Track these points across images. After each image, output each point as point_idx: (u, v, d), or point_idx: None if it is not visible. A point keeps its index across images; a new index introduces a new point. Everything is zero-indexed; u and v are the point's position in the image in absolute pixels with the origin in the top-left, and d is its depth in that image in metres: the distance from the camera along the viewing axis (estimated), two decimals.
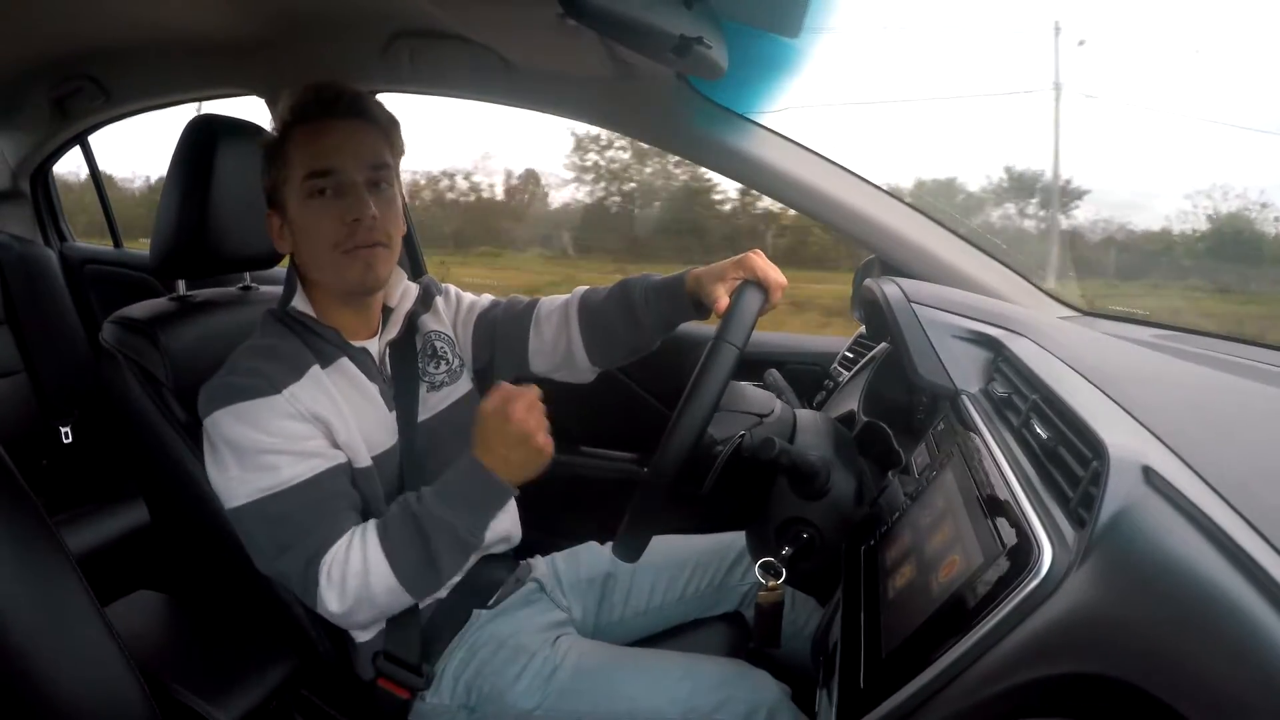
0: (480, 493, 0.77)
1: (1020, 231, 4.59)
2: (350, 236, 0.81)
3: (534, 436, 0.75)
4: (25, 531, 0.67)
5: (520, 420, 0.75)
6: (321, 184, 0.80)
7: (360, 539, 0.77)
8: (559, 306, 0.99)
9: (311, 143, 0.81)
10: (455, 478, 0.78)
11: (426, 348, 0.97)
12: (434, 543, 0.76)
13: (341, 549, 0.76)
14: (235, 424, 0.76)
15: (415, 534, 0.76)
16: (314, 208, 0.81)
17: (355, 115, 0.82)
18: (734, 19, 0.95)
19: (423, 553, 0.76)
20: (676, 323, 0.93)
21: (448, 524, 0.76)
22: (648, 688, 0.82)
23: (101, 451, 1.67)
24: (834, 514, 0.74)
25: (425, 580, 0.78)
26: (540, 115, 1.32)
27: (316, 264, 0.84)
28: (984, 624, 0.45)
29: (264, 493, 0.76)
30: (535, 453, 0.76)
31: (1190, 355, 0.86)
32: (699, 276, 0.87)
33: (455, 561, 0.79)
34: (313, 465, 0.78)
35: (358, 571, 0.75)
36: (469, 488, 0.77)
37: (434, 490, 0.78)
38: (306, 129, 0.81)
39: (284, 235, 0.86)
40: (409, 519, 0.77)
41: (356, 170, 0.81)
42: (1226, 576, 0.36)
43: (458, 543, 0.77)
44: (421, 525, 0.76)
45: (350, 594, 0.76)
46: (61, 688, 0.66)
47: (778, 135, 1.20)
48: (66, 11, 1.36)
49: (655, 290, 0.91)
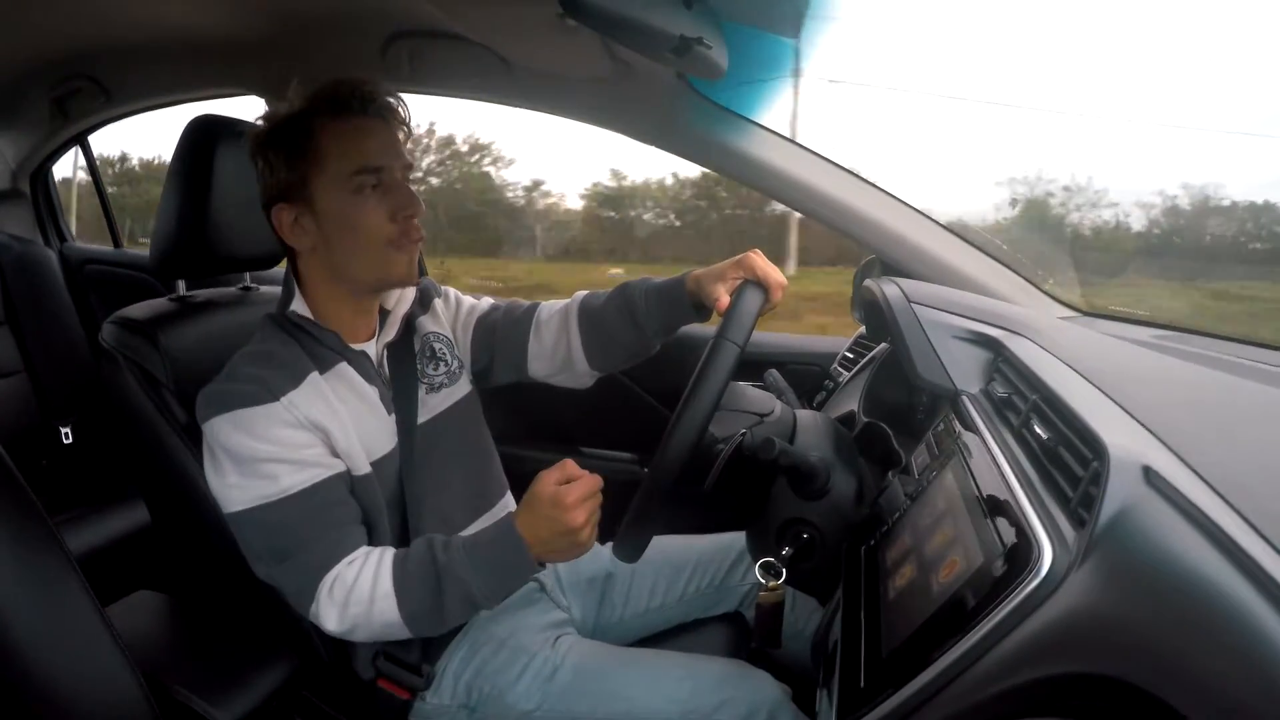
0: (510, 564, 0.75)
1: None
2: (405, 233, 0.81)
3: (581, 531, 0.72)
4: (25, 531, 0.67)
5: (573, 514, 0.72)
6: (370, 180, 0.80)
7: (374, 567, 0.76)
8: (559, 311, 0.98)
9: (356, 139, 0.80)
10: (488, 541, 0.76)
11: (425, 349, 0.96)
12: (447, 597, 0.75)
13: (350, 570, 0.75)
14: (233, 431, 0.76)
15: (433, 582, 0.75)
16: (362, 203, 0.80)
17: (391, 114, 0.83)
18: (734, 19, 0.95)
19: (434, 601, 0.75)
20: (677, 326, 0.92)
21: (466, 584, 0.74)
22: (648, 688, 0.82)
23: (101, 451, 1.67)
24: (834, 514, 0.74)
25: (428, 624, 0.77)
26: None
27: (360, 258, 0.82)
28: (984, 624, 0.45)
29: (262, 500, 0.75)
30: (577, 546, 0.74)
31: (1190, 355, 0.86)
32: (699, 278, 0.86)
33: (463, 615, 0.78)
34: (311, 475, 0.77)
35: (363, 598, 0.75)
36: (500, 556, 0.75)
37: (463, 546, 0.76)
38: (346, 124, 0.80)
39: (303, 229, 0.82)
40: (430, 566, 0.75)
41: (399, 168, 0.82)
42: (1226, 576, 0.36)
43: (470, 602, 0.76)
44: (441, 578, 0.75)
45: (350, 616, 0.75)
46: (61, 688, 0.66)
47: (778, 135, 1.20)
48: (66, 11, 1.36)
49: (655, 293, 0.91)
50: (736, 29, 0.96)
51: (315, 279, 0.85)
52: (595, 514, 0.74)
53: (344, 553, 0.77)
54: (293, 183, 0.81)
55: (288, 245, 0.84)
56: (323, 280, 0.85)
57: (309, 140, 0.80)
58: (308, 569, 0.76)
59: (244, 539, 0.78)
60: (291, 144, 0.80)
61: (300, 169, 0.80)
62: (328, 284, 0.85)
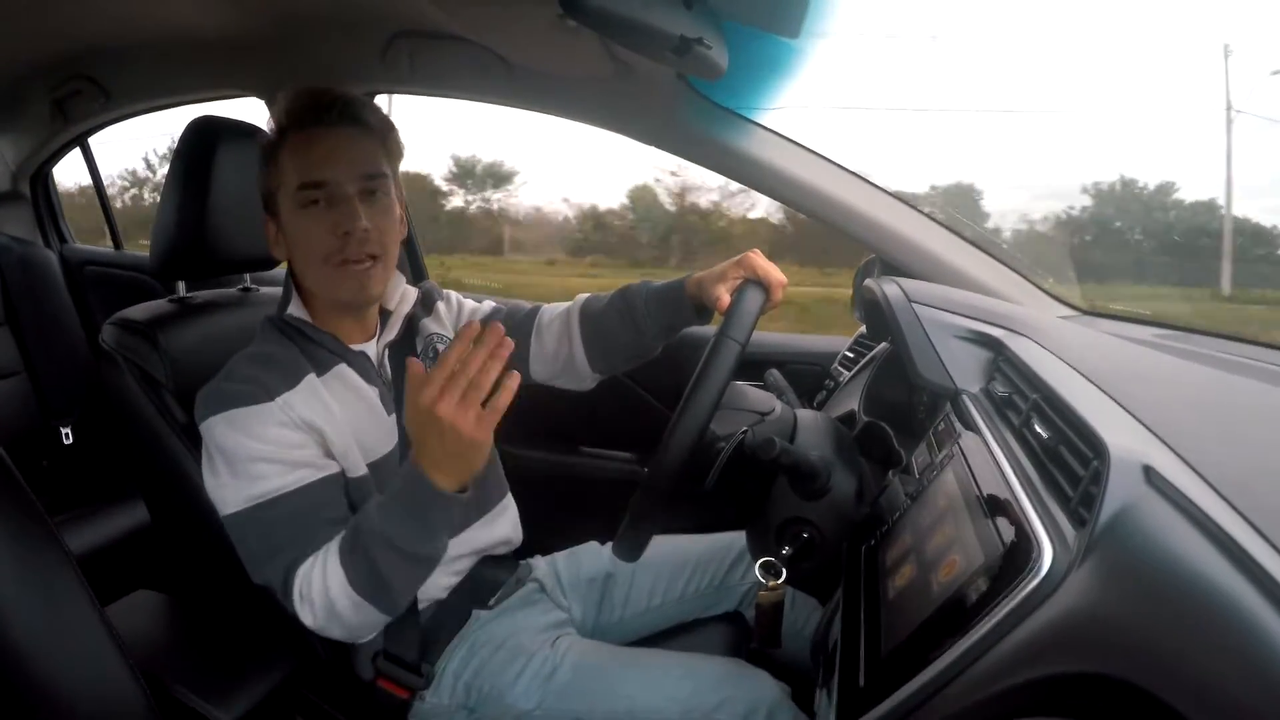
0: (418, 500, 0.68)
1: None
2: (341, 250, 0.78)
3: (457, 422, 0.63)
4: (25, 531, 0.67)
5: (440, 407, 0.62)
6: (314, 195, 0.78)
7: (324, 554, 0.74)
8: (560, 314, 0.99)
9: (304, 151, 0.79)
10: (394, 486, 0.71)
11: (428, 349, 0.96)
12: (377, 559, 0.70)
13: (309, 564, 0.74)
14: (228, 430, 0.76)
15: (361, 550, 0.71)
16: (305, 218, 0.79)
17: (349, 122, 0.80)
18: (734, 19, 0.95)
19: (370, 569, 0.70)
20: (678, 328, 0.93)
21: (385, 538, 0.69)
22: (647, 687, 0.82)
23: (101, 452, 1.67)
24: (834, 514, 0.73)
25: (383, 596, 0.72)
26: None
27: (308, 275, 0.83)
28: (984, 624, 0.45)
29: (254, 501, 0.75)
30: (468, 443, 0.64)
31: (1191, 355, 0.86)
32: (700, 280, 0.87)
33: (407, 576, 0.73)
34: (301, 476, 0.76)
35: (320, 589, 0.72)
36: (406, 496, 0.69)
37: (376, 501, 0.72)
38: (300, 136, 0.79)
39: (279, 242, 0.84)
40: (353, 532, 0.72)
41: (349, 181, 0.79)
42: (1227, 576, 0.36)
43: (402, 557, 0.70)
44: (360, 539, 0.71)
45: (320, 609, 0.73)
46: (61, 688, 0.66)
47: (778, 135, 1.20)
48: (66, 12, 1.36)
49: (656, 295, 0.91)
50: (737, 29, 0.96)
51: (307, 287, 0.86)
52: (468, 396, 0.63)
53: (311, 551, 0.74)
54: (267, 195, 0.83)
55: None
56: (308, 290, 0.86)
57: (275, 152, 0.81)
58: (286, 569, 0.74)
59: (239, 541, 0.78)
60: (266, 156, 0.82)
61: (269, 180, 0.82)
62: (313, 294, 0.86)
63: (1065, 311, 1.15)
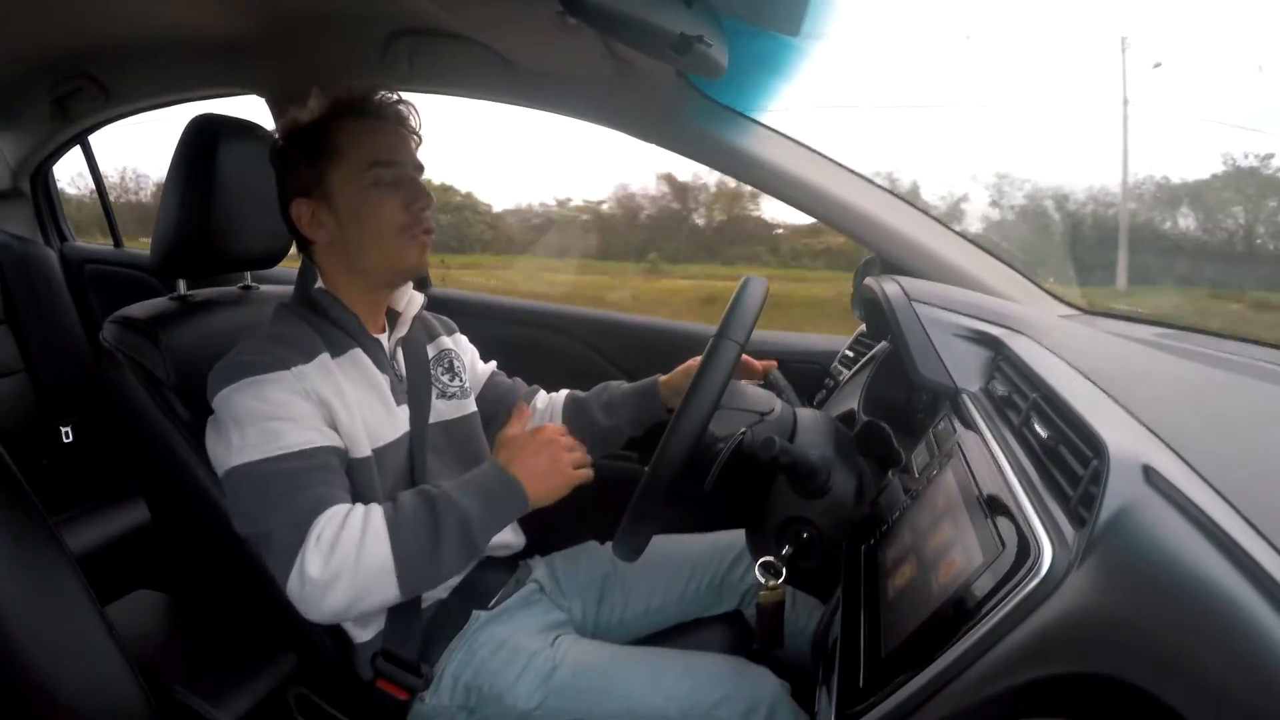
0: (498, 491, 0.79)
1: None
2: (416, 222, 0.87)
3: (560, 452, 0.82)
4: (25, 531, 0.67)
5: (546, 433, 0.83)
6: (387, 174, 0.85)
7: (364, 510, 0.76)
8: (548, 399, 1.12)
9: (372, 135, 0.86)
10: (475, 475, 0.81)
11: (443, 358, 1.01)
12: (443, 526, 0.75)
13: (340, 513, 0.74)
14: (241, 397, 0.77)
15: (427, 514, 0.76)
16: (377, 194, 0.85)
17: (405, 119, 0.90)
18: (734, 17, 0.95)
19: (429, 536, 0.75)
20: (648, 421, 1.05)
21: (460, 510, 0.76)
22: (647, 685, 0.82)
23: (101, 451, 1.67)
24: (834, 513, 0.73)
25: (420, 567, 0.74)
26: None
27: (374, 249, 0.87)
28: (984, 623, 0.45)
29: (261, 455, 0.75)
30: (563, 470, 0.82)
31: (1191, 354, 0.85)
32: (667, 382, 1.05)
33: (456, 555, 0.76)
34: (311, 438, 0.78)
35: (352, 539, 0.72)
36: (492, 488, 0.79)
37: (453, 483, 0.80)
38: (363, 123, 0.86)
39: (320, 222, 0.87)
40: (423, 499, 0.77)
41: (411, 165, 0.88)
42: (1226, 576, 0.36)
43: (465, 534, 0.76)
44: (435, 506, 0.76)
45: (335, 563, 0.71)
46: (61, 688, 0.66)
47: (778, 134, 1.20)
48: (66, 11, 1.36)
49: (632, 391, 1.07)
50: (737, 27, 0.96)
51: (331, 271, 0.89)
52: (571, 442, 0.85)
53: (336, 502, 0.76)
54: (311, 179, 0.86)
55: (305, 239, 0.89)
56: (338, 272, 0.89)
57: (328, 139, 0.85)
58: (298, 518, 0.73)
59: (234, 495, 0.78)
60: (311, 143, 0.86)
61: (319, 165, 0.86)
62: (343, 275, 0.89)
63: (1065, 310, 1.15)
